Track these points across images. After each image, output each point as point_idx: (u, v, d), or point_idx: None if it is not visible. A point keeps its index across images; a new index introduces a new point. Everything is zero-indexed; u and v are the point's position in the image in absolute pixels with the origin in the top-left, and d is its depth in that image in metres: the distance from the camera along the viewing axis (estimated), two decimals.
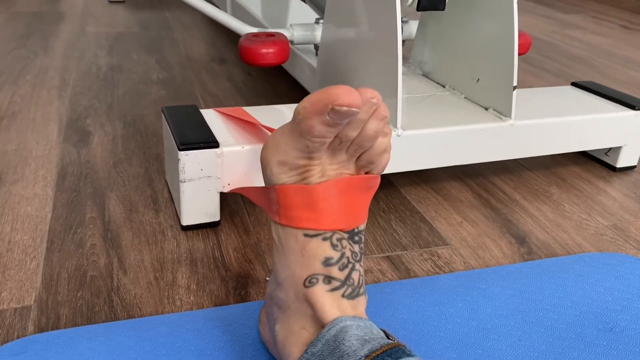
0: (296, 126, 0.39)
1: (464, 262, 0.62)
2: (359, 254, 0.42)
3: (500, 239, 0.66)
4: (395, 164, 0.69)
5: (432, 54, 0.88)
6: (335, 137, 0.39)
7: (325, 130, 0.38)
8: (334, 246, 0.40)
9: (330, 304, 0.39)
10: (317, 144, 0.38)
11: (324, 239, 0.40)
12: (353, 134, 0.39)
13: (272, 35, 0.78)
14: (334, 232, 0.41)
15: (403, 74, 0.91)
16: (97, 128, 0.89)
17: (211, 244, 0.62)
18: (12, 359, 0.44)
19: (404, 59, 0.99)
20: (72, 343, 0.46)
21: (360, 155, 0.42)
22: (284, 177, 0.40)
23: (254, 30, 0.88)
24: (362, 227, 0.43)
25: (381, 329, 0.40)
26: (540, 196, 0.77)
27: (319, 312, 0.39)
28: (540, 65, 1.39)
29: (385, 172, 0.69)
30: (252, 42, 0.75)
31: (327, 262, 0.40)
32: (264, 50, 0.74)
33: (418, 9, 0.72)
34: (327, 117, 0.37)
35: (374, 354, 0.35)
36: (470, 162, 0.73)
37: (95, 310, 0.51)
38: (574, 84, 0.92)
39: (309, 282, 0.40)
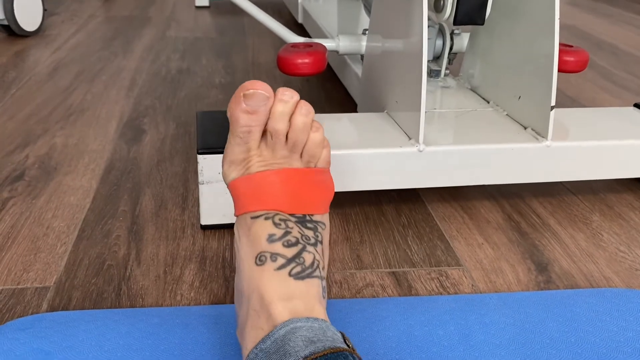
0: (230, 126, 0.46)
1: (472, 285, 0.60)
2: (312, 239, 0.45)
3: (519, 264, 0.64)
4: (415, 180, 0.68)
5: (480, 68, 0.86)
6: (266, 131, 0.46)
7: (247, 119, 0.44)
8: (276, 224, 0.44)
9: (276, 285, 0.41)
10: (245, 133, 0.45)
11: (266, 218, 0.45)
12: (279, 125, 0.45)
13: (310, 45, 0.80)
14: (276, 212, 0.45)
15: (450, 87, 0.89)
16: (151, 127, 0.95)
17: (224, 244, 0.65)
18: (19, 333, 0.49)
19: (455, 71, 0.97)
20: (72, 324, 0.50)
21: (302, 152, 0.46)
22: (233, 174, 0.47)
23: (300, 39, 0.91)
24: (318, 217, 0.47)
25: (339, 332, 0.40)
26: (577, 223, 0.72)
27: (264, 292, 0.41)
28: (622, 83, 1.30)
29: (407, 186, 0.68)
30: (289, 52, 0.77)
31: (270, 239, 0.43)
32: (299, 61, 0.76)
33: (455, 23, 0.71)
34: (244, 105, 0.44)
35: (314, 356, 0.36)
36: (500, 183, 0.70)
37: (103, 296, 0.56)
38: (636, 105, 0.85)
39: (259, 259, 0.43)
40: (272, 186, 0.46)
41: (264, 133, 0.46)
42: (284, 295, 0.41)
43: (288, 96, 0.45)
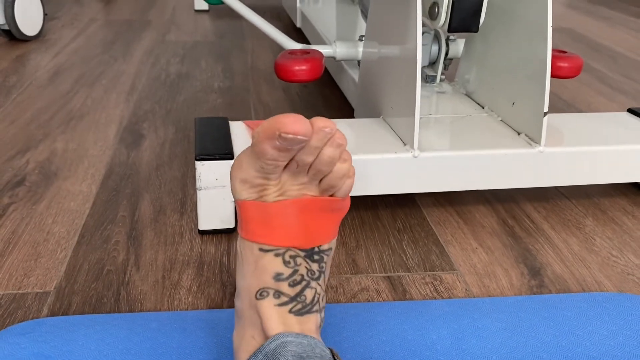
0: (252, 147, 0.41)
1: (466, 290, 0.61)
2: (317, 273, 0.44)
3: (512, 269, 0.65)
4: (410, 185, 0.69)
5: (475, 73, 0.87)
6: (292, 160, 0.42)
7: (276, 155, 0.40)
8: (285, 263, 0.42)
9: (276, 318, 0.41)
10: (270, 166, 0.41)
11: (277, 255, 0.43)
12: (308, 159, 0.41)
13: (307, 52, 0.81)
14: (288, 248, 0.43)
15: (446, 92, 0.90)
16: (151, 132, 0.96)
17: (222, 249, 0.66)
18: (20, 337, 0.50)
19: (450, 77, 0.98)
20: (72, 329, 0.51)
21: (322, 179, 0.43)
22: (244, 193, 0.43)
23: (297, 45, 0.92)
24: (326, 246, 0.45)
25: (329, 348, 0.41)
26: (571, 227, 0.73)
27: (265, 324, 0.41)
28: (618, 87, 1.31)
29: (402, 192, 0.69)
30: (286, 59, 0.78)
31: (277, 277, 0.42)
32: (297, 68, 0.77)
33: (449, 31, 0.72)
34: (277, 143, 0.39)
35: None
36: (494, 188, 0.71)
37: (103, 301, 0.57)
38: (630, 110, 0.86)
39: (260, 294, 0.42)
40: (286, 220, 0.43)
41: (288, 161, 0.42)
42: (282, 327, 0.41)
43: (327, 131, 0.41)
